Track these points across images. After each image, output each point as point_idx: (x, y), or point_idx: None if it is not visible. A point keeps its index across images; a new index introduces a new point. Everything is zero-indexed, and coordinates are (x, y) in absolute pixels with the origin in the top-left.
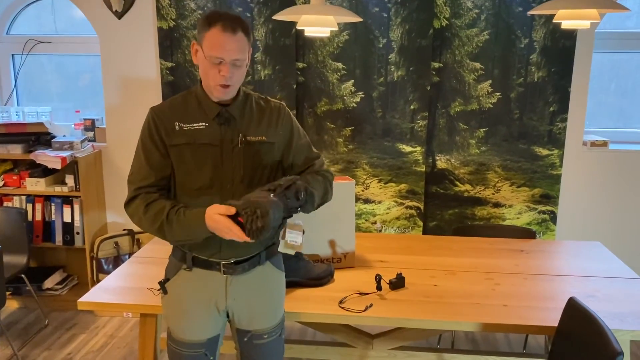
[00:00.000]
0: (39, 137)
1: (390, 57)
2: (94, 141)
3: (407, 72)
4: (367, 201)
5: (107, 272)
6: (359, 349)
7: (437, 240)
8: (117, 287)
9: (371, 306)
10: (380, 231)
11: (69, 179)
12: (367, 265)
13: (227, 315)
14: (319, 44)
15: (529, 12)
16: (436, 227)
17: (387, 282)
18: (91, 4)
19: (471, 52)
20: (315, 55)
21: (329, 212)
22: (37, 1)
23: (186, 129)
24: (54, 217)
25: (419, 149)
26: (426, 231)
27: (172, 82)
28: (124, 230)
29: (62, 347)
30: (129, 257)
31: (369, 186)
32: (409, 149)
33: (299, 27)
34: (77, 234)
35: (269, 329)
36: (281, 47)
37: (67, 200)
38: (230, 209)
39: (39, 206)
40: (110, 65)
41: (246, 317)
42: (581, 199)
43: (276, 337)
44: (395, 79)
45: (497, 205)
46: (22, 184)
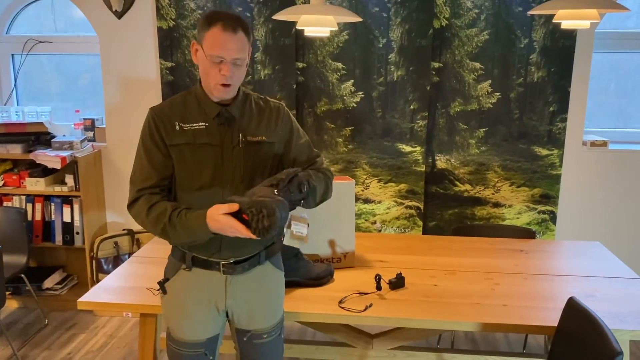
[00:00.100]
0: (39, 137)
1: (390, 57)
2: (94, 141)
3: (407, 72)
4: (366, 201)
5: (107, 272)
6: (358, 349)
7: (437, 240)
8: (117, 287)
9: (371, 306)
10: (380, 231)
11: (69, 179)
12: (367, 265)
13: (227, 315)
14: (319, 44)
15: (529, 12)
16: (436, 227)
17: (387, 282)
18: (91, 3)
19: (471, 52)
20: (315, 55)
21: (329, 211)
22: (37, 1)
23: (186, 128)
24: (53, 217)
25: (418, 148)
26: (426, 231)
27: (172, 82)
28: (124, 230)
29: (62, 347)
30: (129, 257)
31: (368, 186)
32: (408, 148)
33: (298, 27)
34: (77, 233)
35: (268, 328)
36: (281, 47)
37: (66, 200)
38: (233, 206)
39: (38, 206)
40: (110, 65)
41: (246, 316)
42: (581, 199)
43: (276, 336)
44: (395, 79)
45: (496, 205)
46: (22, 183)
